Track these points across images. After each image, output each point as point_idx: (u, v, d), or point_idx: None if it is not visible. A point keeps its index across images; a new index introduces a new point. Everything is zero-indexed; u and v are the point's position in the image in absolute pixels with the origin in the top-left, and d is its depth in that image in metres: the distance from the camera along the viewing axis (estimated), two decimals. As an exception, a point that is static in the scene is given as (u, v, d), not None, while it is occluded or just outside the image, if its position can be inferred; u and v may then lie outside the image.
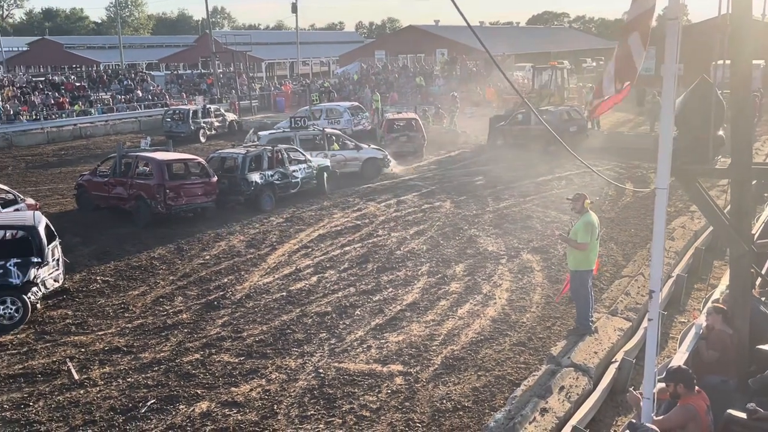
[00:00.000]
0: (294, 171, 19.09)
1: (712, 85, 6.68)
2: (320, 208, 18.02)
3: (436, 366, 9.09)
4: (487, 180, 21.10)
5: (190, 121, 32.81)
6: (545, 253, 13.80)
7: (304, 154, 19.92)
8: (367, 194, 19.55)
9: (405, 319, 10.66)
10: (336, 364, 9.19)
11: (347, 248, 14.45)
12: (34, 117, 36.87)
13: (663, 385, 6.03)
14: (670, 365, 6.45)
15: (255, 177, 17.93)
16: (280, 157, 19.00)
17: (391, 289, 11.98)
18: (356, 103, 34.76)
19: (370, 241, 14.94)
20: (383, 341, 9.88)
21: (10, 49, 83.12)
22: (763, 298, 8.30)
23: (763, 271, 9.54)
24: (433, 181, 21.10)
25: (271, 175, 18.38)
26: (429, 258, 13.66)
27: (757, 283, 8.78)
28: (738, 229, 6.99)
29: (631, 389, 6.29)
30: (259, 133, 22.90)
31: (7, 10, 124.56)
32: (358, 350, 9.62)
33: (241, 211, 17.71)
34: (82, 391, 8.65)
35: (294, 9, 68.27)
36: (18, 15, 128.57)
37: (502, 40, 59.61)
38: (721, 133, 6.81)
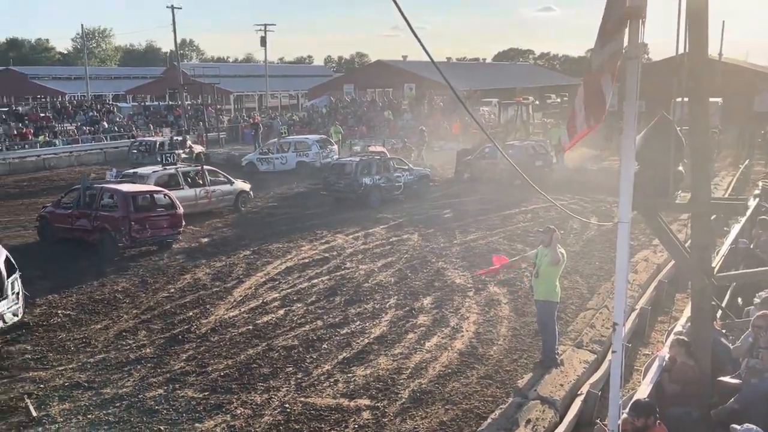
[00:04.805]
0: (398, 176, 23.21)
1: (671, 122, 6.87)
2: (288, 240, 17.94)
3: (404, 400, 9.03)
4: (455, 213, 21.26)
5: (157, 152, 32.58)
6: (512, 285, 13.88)
7: (407, 164, 24.48)
8: (335, 226, 19.54)
9: (372, 353, 10.60)
10: (302, 399, 9.08)
11: (315, 281, 14.38)
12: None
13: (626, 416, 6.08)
14: (634, 398, 6.51)
15: (366, 180, 22.13)
16: (387, 165, 23.20)
17: (358, 322, 11.93)
18: (324, 136, 34.93)
19: (338, 273, 14.90)
20: (350, 375, 9.81)
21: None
22: (723, 330, 8.45)
23: (724, 304, 9.72)
24: (401, 214, 21.18)
25: (378, 179, 22.53)
26: (397, 291, 13.66)
27: (718, 315, 8.94)
28: (698, 262, 7.13)
29: (597, 422, 6.33)
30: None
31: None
32: (324, 384, 9.53)
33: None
34: (40, 429, 8.41)
35: (263, 42, 68.77)
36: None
37: (469, 76, 60.63)
38: (681, 168, 6.98)
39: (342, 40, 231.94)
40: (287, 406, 8.90)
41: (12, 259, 11.77)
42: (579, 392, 8.86)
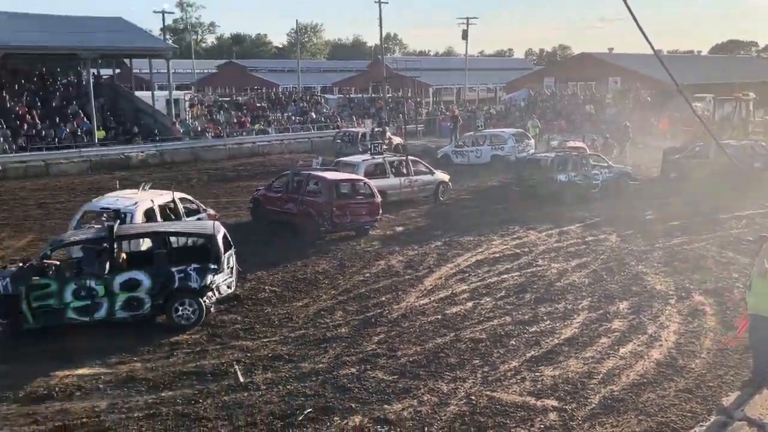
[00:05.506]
0: (596, 174, 22.57)
1: None
2: (479, 233, 17.95)
3: (594, 405, 8.72)
4: (658, 215, 20.02)
5: (359, 143, 33.96)
6: (719, 296, 12.84)
7: (607, 161, 23.83)
8: (527, 222, 19.22)
9: (562, 354, 10.34)
10: (488, 393, 9.08)
11: (505, 276, 14.28)
12: (218, 134, 39.89)
13: None
14: None
15: (561, 176, 21.86)
16: (584, 161, 22.62)
17: (548, 322, 11.68)
18: (521, 130, 34.45)
19: (529, 270, 14.67)
20: (538, 374, 9.64)
21: (202, 71, 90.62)
22: None
23: None
24: (597, 213, 20.35)
25: (575, 176, 22.11)
26: (590, 292, 13.18)
27: None
28: None
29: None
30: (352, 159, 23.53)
31: (201, 35, 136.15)
32: (511, 381, 9.46)
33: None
34: (246, 394, 9.16)
35: (464, 36, 69.08)
36: (210, 40, 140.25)
37: (681, 69, 56.67)
38: None
39: (544, 32, 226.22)
40: (473, 398, 8.94)
41: (229, 236, 12.85)
42: (795, 419, 8.02)
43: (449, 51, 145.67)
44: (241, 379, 9.57)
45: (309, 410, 8.64)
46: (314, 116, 48.30)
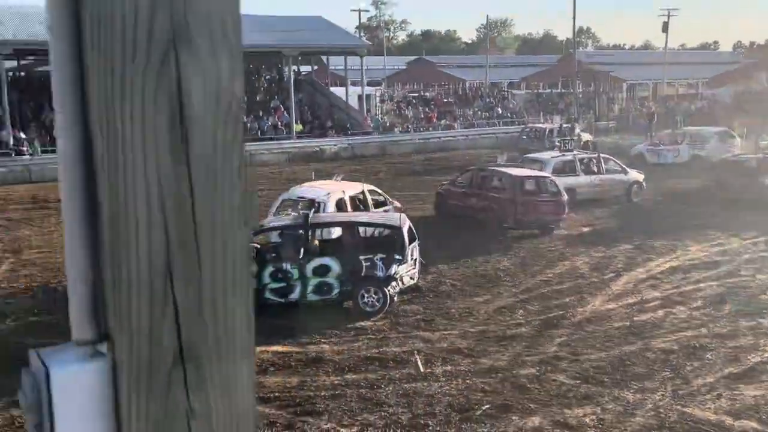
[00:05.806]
0: None
1: None
2: (674, 238, 16.88)
3: (801, 433, 7.94)
4: None
5: (545, 139, 33.23)
6: None
7: None
8: (729, 228, 17.76)
9: (765, 373, 9.49)
10: (679, 407, 8.55)
11: (701, 285, 13.34)
12: (406, 129, 40.86)
13: None
14: None
15: (766, 180, 20.32)
16: None
17: (750, 337, 10.76)
18: (725, 128, 31.89)
19: (730, 280, 13.59)
20: (737, 392, 8.92)
21: (393, 67, 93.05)
22: None
23: None
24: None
25: None
26: (802, 309, 11.96)
27: None
28: None
29: None
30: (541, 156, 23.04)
31: (393, 32, 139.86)
32: (705, 396, 8.83)
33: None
34: (425, 383, 9.34)
35: (665, 28, 64.99)
36: (401, 37, 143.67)
37: None
38: None
39: (758, 22, 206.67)
40: (662, 411, 8.47)
41: (413, 229, 13.15)
42: None
43: (647, 44, 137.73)
44: (422, 369, 9.76)
45: (487, 406, 8.64)
46: (500, 112, 47.94)
